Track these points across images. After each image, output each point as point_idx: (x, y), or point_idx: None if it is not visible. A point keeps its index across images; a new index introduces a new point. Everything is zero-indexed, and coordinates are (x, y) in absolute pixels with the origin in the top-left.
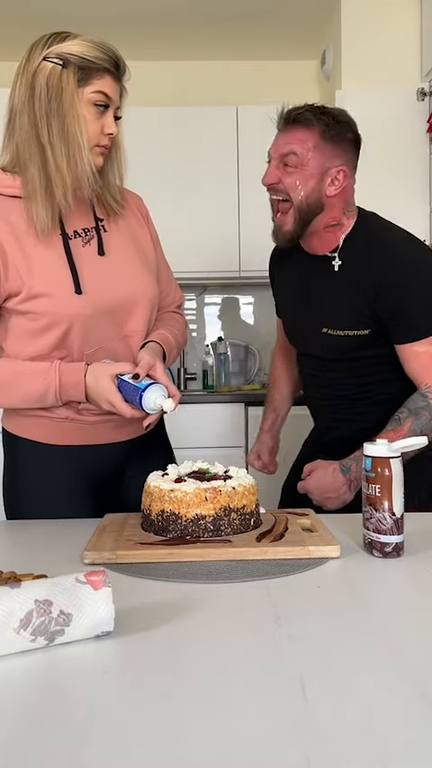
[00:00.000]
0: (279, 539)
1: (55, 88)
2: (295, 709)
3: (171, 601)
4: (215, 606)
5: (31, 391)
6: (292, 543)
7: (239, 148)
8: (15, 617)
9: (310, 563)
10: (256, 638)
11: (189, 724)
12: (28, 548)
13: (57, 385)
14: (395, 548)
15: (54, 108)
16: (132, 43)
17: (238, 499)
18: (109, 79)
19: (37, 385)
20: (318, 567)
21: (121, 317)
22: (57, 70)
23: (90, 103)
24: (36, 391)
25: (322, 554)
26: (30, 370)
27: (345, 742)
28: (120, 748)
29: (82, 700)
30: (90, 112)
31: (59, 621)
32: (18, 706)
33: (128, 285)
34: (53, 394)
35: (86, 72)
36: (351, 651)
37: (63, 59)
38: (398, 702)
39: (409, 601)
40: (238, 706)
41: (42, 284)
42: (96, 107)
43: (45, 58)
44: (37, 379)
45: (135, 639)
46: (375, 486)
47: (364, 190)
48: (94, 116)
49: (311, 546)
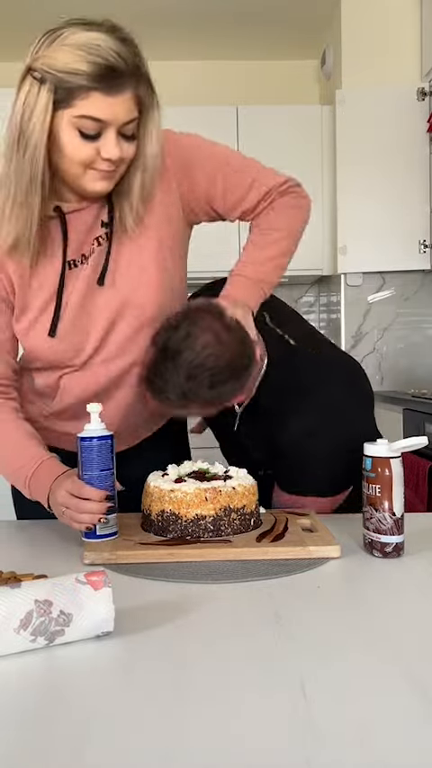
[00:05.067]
0: (279, 539)
1: (29, 110)
2: (296, 709)
3: (171, 601)
4: (216, 606)
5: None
6: (293, 543)
7: (239, 148)
8: (15, 617)
9: (311, 563)
10: (256, 638)
11: (189, 725)
12: (28, 547)
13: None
14: (395, 548)
15: (25, 134)
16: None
17: (239, 499)
18: (98, 97)
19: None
20: (318, 567)
21: (117, 341)
22: (34, 89)
23: (74, 129)
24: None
25: (323, 554)
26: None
27: (345, 743)
28: (120, 749)
29: (82, 700)
30: (76, 138)
31: (59, 621)
32: (18, 707)
33: (128, 313)
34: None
35: (67, 91)
36: (352, 651)
37: (41, 75)
38: (398, 702)
39: (409, 601)
40: (238, 706)
41: (27, 320)
42: (82, 135)
43: (28, 71)
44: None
45: (135, 639)
46: (375, 486)
47: (365, 190)
48: (81, 142)
49: (312, 546)
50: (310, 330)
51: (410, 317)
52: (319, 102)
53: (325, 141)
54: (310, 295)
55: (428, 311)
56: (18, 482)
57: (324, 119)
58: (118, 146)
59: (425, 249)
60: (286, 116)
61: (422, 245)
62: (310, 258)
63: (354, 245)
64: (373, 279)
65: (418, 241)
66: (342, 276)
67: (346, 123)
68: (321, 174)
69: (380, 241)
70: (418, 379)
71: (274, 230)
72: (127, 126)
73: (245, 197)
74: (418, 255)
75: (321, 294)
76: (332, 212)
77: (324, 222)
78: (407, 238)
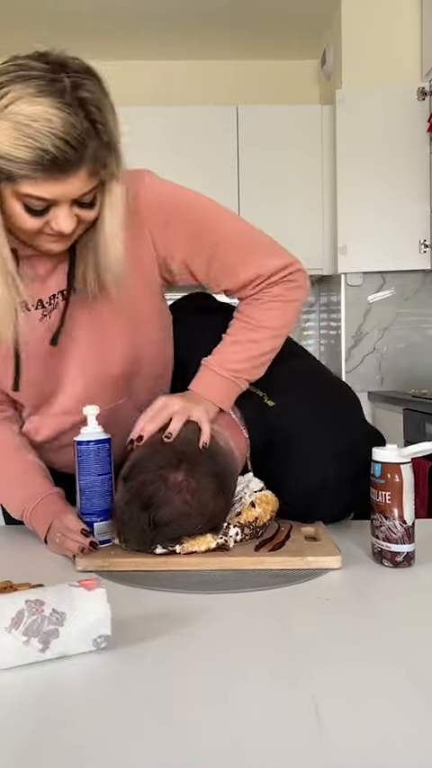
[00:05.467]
0: (278, 548)
1: None
2: (303, 723)
3: (166, 611)
4: (211, 617)
5: (9, 503)
6: (291, 553)
7: (239, 148)
8: (6, 616)
9: (309, 574)
10: (255, 649)
11: (189, 734)
12: (22, 554)
13: (28, 517)
14: (406, 557)
15: None
16: (132, 43)
17: (252, 514)
18: (43, 181)
19: (15, 504)
20: (317, 577)
21: (98, 399)
22: None
23: (19, 202)
24: (13, 508)
25: (321, 565)
26: (18, 486)
27: (358, 762)
28: (119, 761)
29: (79, 712)
30: (22, 210)
31: (52, 620)
32: (16, 721)
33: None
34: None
35: (7, 173)
36: (361, 664)
37: None
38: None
39: (422, 612)
40: (239, 717)
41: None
42: (28, 210)
43: None
44: (15, 499)
45: (130, 651)
46: (385, 494)
47: (365, 190)
48: (28, 216)
49: (311, 557)
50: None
51: (410, 316)
52: (319, 102)
53: (325, 141)
54: (310, 295)
55: (428, 311)
56: (17, 516)
57: (324, 119)
58: (70, 217)
59: (425, 249)
60: (286, 116)
61: (422, 245)
62: (310, 258)
63: (354, 245)
64: (374, 279)
65: (418, 241)
66: (342, 276)
67: (346, 123)
68: (321, 174)
69: (380, 241)
70: (418, 379)
71: (261, 328)
72: (84, 196)
73: (230, 274)
74: (418, 255)
75: (321, 294)
76: (332, 212)
77: (324, 222)
78: (407, 238)
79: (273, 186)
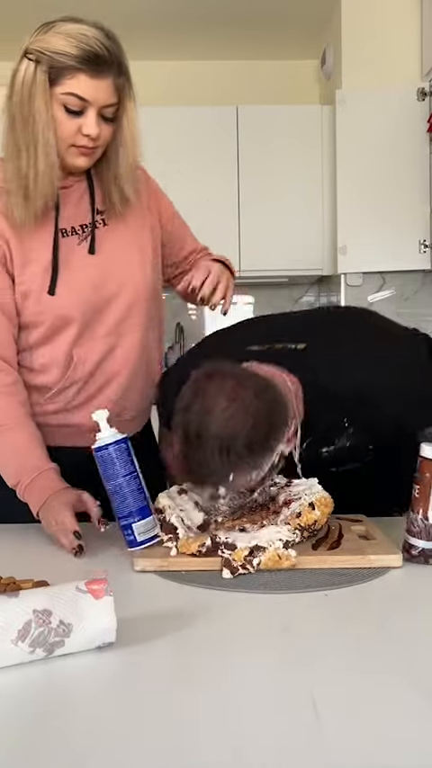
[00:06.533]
0: (336, 547)
1: (27, 87)
2: (303, 722)
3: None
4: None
5: (5, 471)
6: (352, 552)
7: (239, 148)
8: (13, 628)
9: (371, 573)
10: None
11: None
12: (27, 551)
13: (22, 490)
14: (422, 552)
15: (26, 109)
16: (132, 43)
17: (312, 517)
18: (83, 78)
19: (10, 472)
20: (380, 576)
21: (114, 315)
22: (31, 68)
23: (61, 105)
24: (7, 475)
25: (383, 563)
26: (16, 456)
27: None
28: (120, 760)
29: (83, 712)
30: (62, 113)
31: (59, 632)
32: (17, 720)
33: (117, 285)
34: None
35: (58, 71)
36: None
37: (36, 56)
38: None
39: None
40: (240, 720)
41: (26, 282)
42: (67, 111)
43: (26, 53)
44: (11, 469)
45: (138, 650)
46: (416, 487)
47: (365, 190)
48: (66, 117)
49: (372, 555)
50: None
51: (410, 317)
52: (319, 102)
53: (325, 141)
54: (310, 295)
55: (428, 311)
56: (11, 484)
57: (324, 119)
58: (97, 124)
59: (425, 249)
60: (286, 116)
61: (422, 245)
62: (310, 258)
63: (354, 245)
64: (373, 279)
65: (418, 241)
66: (342, 276)
67: (346, 123)
68: (321, 174)
69: (380, 241)
70: None
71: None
72: (107, 109)
73: (185, 243)
74: (418, 255)
75: (321, 294)
76: (332, 212)
77: (324, 222)
78: (407, 238)
79: (272, 186)
